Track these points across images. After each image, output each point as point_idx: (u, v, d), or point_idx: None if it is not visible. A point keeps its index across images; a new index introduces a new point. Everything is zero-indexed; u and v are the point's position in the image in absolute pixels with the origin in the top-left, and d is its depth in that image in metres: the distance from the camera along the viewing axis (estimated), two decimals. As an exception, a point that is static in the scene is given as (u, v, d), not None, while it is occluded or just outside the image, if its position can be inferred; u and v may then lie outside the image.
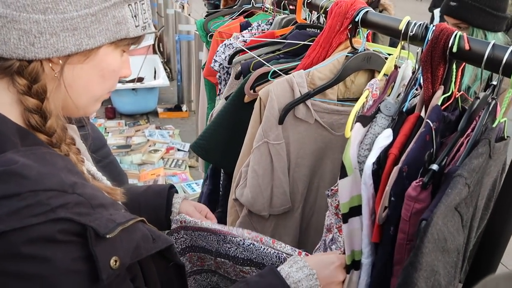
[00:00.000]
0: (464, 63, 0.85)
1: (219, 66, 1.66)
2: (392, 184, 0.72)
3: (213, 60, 1.67)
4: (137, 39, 0.73)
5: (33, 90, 0.64)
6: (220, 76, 1.69)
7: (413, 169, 0.71)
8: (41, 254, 0.54)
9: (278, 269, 0.85)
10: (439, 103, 0.79)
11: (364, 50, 1.17)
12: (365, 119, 0.84)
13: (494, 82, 0.80)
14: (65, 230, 0.55)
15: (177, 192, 1.13)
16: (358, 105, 0.88)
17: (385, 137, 0.79)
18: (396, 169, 0.72)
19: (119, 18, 0.67)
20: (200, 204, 1.14)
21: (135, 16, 0.69)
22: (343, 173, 0.80)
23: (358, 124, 0.82)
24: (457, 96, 0.85)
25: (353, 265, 0.86)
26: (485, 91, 0.80)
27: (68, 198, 0.57)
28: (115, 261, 0.59)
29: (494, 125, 0.74)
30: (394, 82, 0.95)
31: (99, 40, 0.65)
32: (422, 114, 0.84)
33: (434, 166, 0.68)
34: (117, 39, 0.68)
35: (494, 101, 0.75)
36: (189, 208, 1.10)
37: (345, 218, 0.83)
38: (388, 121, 0.85)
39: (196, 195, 3.45)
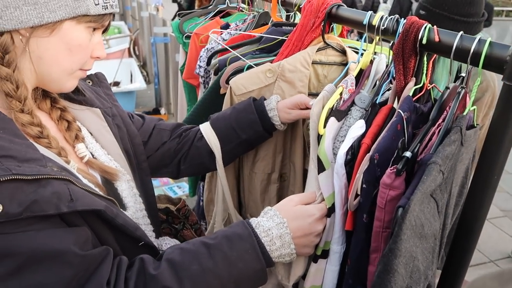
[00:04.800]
0: (435, 55, 0.87)
1: (204, 71, 1.68)
2: (364, 172, 0.73)
3: (198, 66, 1.69)
4: (99, 18, 0.78)
5: (5, 60, 0.73)
6: (204, 80, 1.71)
7: (384, 157, 0.73)
8: None
9: (250, 220, 0.82)
10: (411, 94, 0.81)
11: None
12: (339, 113, 0.86)
13: (463, 74, 0.82)
14: None
15: (264, 99, 1.13)
16: (330, 102, 0.89)
17: (357, 128, 0.81)
18: (367, 157, 0.73)
19: None
20: (296, 98, 1.10)
21: None
22: (321, 168, 0.81)
23: (333, 119, 0.84)
24: (428, 88, 0.87)
25: (323, 255, 0.87)
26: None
27: None
28: None
29: (464, 113, 0.76)
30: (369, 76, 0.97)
31: (60, 14, 0.73)
32: (395, 105, 0.86)
33: (407, 153, 0.69)
34: (77, 15, 0.75)
35: (463, 90, 0.78)
36: (286, 106, 1.10)
37: (330, 212, 0.85)
38: (361, 113, 0.87)
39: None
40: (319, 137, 0.84)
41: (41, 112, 0.85)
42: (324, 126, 0.83)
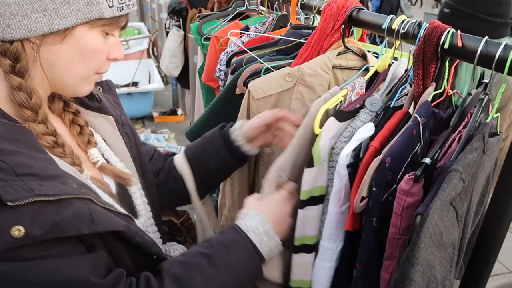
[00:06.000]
0: (457, 61, 0.85)
1: (224, 75, 1.69)
2: (374, 175, 0.72)
3: (218, 69, 1.70)
4: (114, 21, 0.74)
5: (16, 69, 0.69)
6: (224, 84, 1.72)
7: (397, 162, 0.72)
8: None
9: (237, 224, 0.86)
10: (430, 99, 0.80)
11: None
12: (341, 114, 0.86)
13: (486, 80, 0.80)
14: None
15: (231, 126, 1.07)
16: (329, 103, 0.89)
17: (365, 130, 0.80)
18: (377, 160, 0.73)
19: None
20: (263, 114, 1.04)
21: None
22: (310, 163, 0.83)
23: (332, 119, 0.84)
24: (449, 94, 0.85)
25: (305, 249, 0.89)
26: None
27: None
28: (19, 230, 0.59)
29: (487, 120, 0.74)
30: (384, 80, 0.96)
31: (71, 20, 0.69)
32: (411, 110, 0.85)
33: (427, 160, 0.68)
34: (90, 20, 0.70)
35: (486, 97, 0.76)
36: (251, 127, 1.04)
37: (303, 204, 0.87)
38: (371, 116, 0.87)
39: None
40: (315, 137, 0.85)
41: (53, 116, 0.83)
42: (321, 127, 0.84)
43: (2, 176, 0.60)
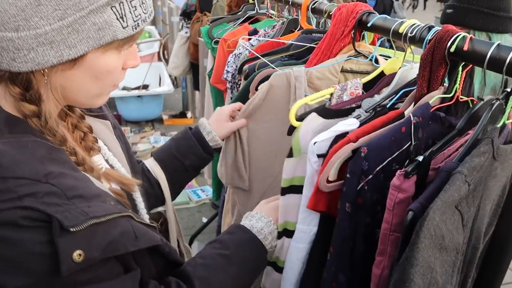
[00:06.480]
0: (470, 66, 0.84)
1: (231, 77, 1.70)
2: (349, 162, 0.75)
3: (225, 71, 1.71)
4: (130, 38, 0.69)
5: (28, 97, 0.65)
6: (232, 85, 1.73)
7: (375, 153, 0.73)
8: (7, 236, 0.56)
9: (242, 224, 0.94)
10: (431, 102, 0.79)
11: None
12: (327, 111, 0.89)
13: (508, 89, 0.78)
14: (30, 217, 0.57)
15: (192, 128, 1.20)
16: (308, 98, 0.94)
17: (345, 124, 0.82)
18: (349, 146, 0.76)
19: (100, 24, 0.63)
20: (222, 109, 1.21)
21: (121, 17, 0.65)
22: (290, 154, 0.89)
23: (314, 114, 0.88)
24: (461, 99, 0.84)
25: (286, 233, 0.96)
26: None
27: (39, 187, 0.58)
28: (79, 254, 0.59)
29: (498, 125, 0.73)
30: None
31: (81, 49, 0.64)
32: (408, 112, 0.84)
33: (420, 158, 0.69)
34: (102, 45, 0.65)
35: (497, 102, 0.75)
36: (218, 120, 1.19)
37: (284, 192, 0.93)
38: (361, 114, 0.88)
39: (201, 201, 3.46)
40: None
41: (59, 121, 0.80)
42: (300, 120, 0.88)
43: (56, 201, 0.59)
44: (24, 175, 0.58)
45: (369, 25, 1.09)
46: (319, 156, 0.81)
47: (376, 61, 1.18)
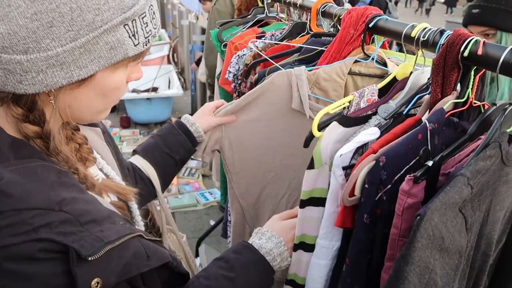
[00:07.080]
0: (483, 70, 0.83)
1: (233, 77, 1.71)
2: (367, 172, 0.73)
3: (228, 72, 1.72)
4: (140, 55, 0.68)
5: (31, 118, 0.63)
6: (235, 86, 1.74)
7: (394, 162, 0.72)
8: (22, 270, 0.55)
9: (250, 242, 0.91)
10: (446, 107, 0.78)
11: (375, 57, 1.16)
12: (347, 120, 0.87)
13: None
14: (46, 249, 0.56)
15: (177, 122, 1.23)
16: (330, 107, 0.91)
17: (367, 134, 0.81)
18: (369, 158, 0.73)
19: (113, 43, 0.62)
20: (207, 104, 1.27)
21: (133, 35, 0.64)
22: (311, 165, 0.86)
23: (335, 123, 0.86)
24: (475, 104, 0.83)
25: (303, 246, 0.92)
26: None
27: (53, 216, 0.57)
28: (97, 282, 0.58)
29: (508, 130, 0.72)
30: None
31: (92, 68, 0.62)
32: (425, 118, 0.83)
33: (429, 162, 0.68)
34: (113, 63, 0.64)
35: (511, 107, 0.74)
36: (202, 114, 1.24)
37: (303, 204, 0.89)
38: (380, 122, 0.87)
39: (209, 204, 3.46)
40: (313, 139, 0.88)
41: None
42: (321, 130, 0.87)
43: (71, 229, 0.58)
44: (37, 205, 0.56)
45: (378, 27, 1.08)
46: (343, 168, 0.79)
47: (385, 64, 1.18)
